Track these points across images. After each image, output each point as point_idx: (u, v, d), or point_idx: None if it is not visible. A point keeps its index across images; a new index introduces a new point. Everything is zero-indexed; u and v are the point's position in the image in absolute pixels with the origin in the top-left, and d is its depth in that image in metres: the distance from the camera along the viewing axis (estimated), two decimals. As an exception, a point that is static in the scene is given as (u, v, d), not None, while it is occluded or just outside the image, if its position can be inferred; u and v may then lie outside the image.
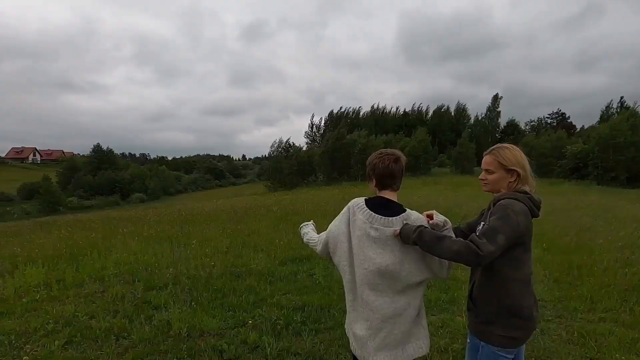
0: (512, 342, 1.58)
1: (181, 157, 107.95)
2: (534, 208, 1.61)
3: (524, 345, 1.73)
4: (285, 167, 44.11)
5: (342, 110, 71.93)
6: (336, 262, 1.83)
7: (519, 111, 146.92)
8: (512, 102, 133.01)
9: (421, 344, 1.73)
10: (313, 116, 70.01)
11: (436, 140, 61.67)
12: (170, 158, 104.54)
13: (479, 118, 67.21)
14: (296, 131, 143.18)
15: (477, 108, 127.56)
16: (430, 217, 1.69)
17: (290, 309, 3.88)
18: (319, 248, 1.92)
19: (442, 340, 3.22)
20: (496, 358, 1.60)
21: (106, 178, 57.13)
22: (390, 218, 1.65)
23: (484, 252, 1.46)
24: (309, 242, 2.04)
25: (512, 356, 1.61)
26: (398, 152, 1.77)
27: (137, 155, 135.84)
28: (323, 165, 44.19)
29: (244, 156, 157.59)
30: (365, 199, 1.76)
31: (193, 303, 4.08)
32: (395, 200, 1.74)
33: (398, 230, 1.61)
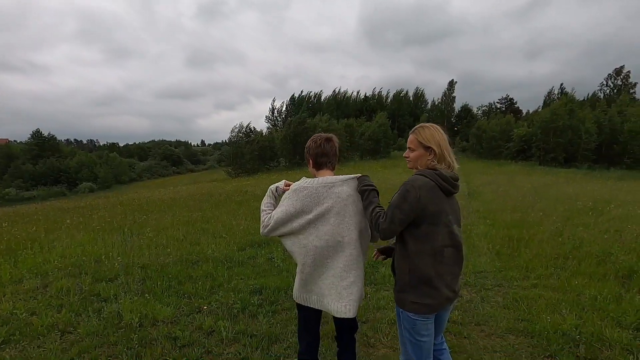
0: (423, 308, 1.68)
1: (134, 143, 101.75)
2: (443, 183, 1.67)
3: (447, 312, 1.88)
4: (246, 153, 43.20)
5: (304, 94, 71.29)
6: (289, 243, 1.95)
7: (474, 97, 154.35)
8: (467, 88, 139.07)
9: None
10: (274, 100, 68.83)
11: (396, 124, 63.23)
12: (122, 144, 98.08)
13: (436, 103, 69.71)
14: (257, 115, 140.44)
15: (434, 93, 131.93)
16: None
17: (247, 293, 3.89)
18: (264, 230, 1.97)
19: (392, 312, 3.39)
20: (413, 323, 1.71)
21: (49, 167, 52.61)
22: (340, 179, 1.88)
23: (381, 228, 1.65)
24: (262, 212, 2.04)
25: (429, 320, 1.72)
26: (331, 135, 1.96)
27: (85, 141, 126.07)
28: (285, 150, 43.78)
29: (202, 142, 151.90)
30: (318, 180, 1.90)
31: (146, 293, 3.95)
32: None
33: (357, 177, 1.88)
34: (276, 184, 2.10)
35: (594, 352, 2.64)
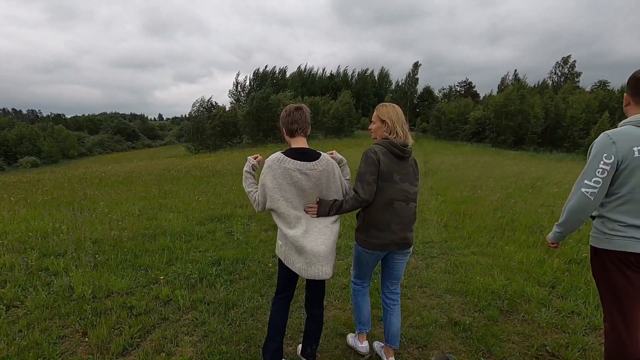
0: (369, 244, 2.11)
1: (83, 115, 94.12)
2: (393, 149, 2.05)
3: (399, 261, 2.22)
4: (207, 128, 41.72)
5: (268, 69, 69.25)
6: (276, 208, 2.01)
7: (437, 78, 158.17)
8: (432, 70, 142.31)
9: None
10: (238, 74, 66.17)
11: (360, 103, 63.67)
12: (69, 116, 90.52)
13: (400, 84, 70.84)
14: (221, 90, 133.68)
15: (399, 74, 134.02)
16: (331, 154, 2.23)
17: (206, 264, 3.94)
18: (259, 208, 2.07)
19: (344, 279, 3.63)
20: (359, 253, 2.21)
21: (-18, 138, 47.66)
22: (314, 162, 2.01)
23: (361, 195, 2.02)
24: (249, 194, 2.13)
25: (370, 256, 2.16)
26: (301, 104, 2.13)
27: (25, 112, 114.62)
28: (248, 126, 42.78)
29: (160, 116, 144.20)
30: (283, 152, 2.01)
31: (99, 266, 3.88)
32: (307, 146, 2.07)
33: (317, 209, 2.04)
34: (249, 165, 2.18)
35: (514, 306, 3.03)
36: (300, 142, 2.07)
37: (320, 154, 2.07)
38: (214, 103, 45.51)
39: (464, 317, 2.88)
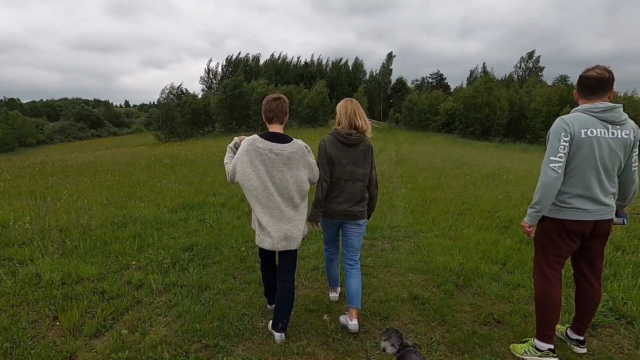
0: (324, 214, 2.59)
1: (42, 100, 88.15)
2: (339, 137, 2.48)
3: (352, 230, 2.61)
4: (177, 116, 40.41)
5: (241, 56, 67.60)
6: (245, 185, 2.27)
7: (410, 70, 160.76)
8: (405, 61, 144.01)
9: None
10: (210, 61, 64.23)
11: (335, 93, 63.71)
12: (25, 101, 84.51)
13: (374, 74, 71.40)
14: (192, 77, 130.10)
15: (374, 64, 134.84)
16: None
17: (178, 250, 3.99)
18: (228, 178, 2.35)
19: (314, 261, 3.80)
20: (323, 221, 2.66)
21: None
22: (285, 144, 2.29)
23: (321, 177, 2.49)
24: (225, 165, 2.42)
25: (327, 222, 2.64)
26: (280, 94, 2.41)
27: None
28: (220, 114, 41.82)
29: (127, 102, 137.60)
30: (259, 135, 2.29)
31: (67, 254, 3.83)
32: (282, 132, 2.36)
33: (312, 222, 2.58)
34: (233, 142, 2.46)
35: (469, 281, 3.32)
36: (275, 128, 2.36)
37: (293, 139, 2.36)
38: (184, 90, 44.03)
39: (423, 292, 3.14)
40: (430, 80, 71.86)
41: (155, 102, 47.83)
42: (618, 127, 2.00)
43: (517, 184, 8.53)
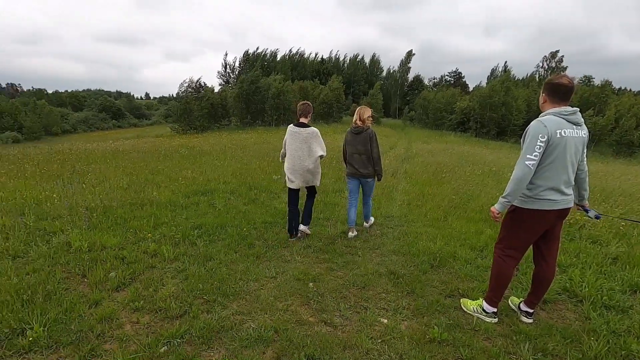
0: (347, 173, 4.54)
1: (66, 90, 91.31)
2: (352, 130, 4.37)
3: (367, 184, 4.50)
4: (195, 109, 41.38)
5: (259, 51, 68.38)
6: (287, 148, 4.25)
7: (430, 67, 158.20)
8: (426, 58, 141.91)
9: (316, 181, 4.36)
10: (227, 55, 65.14)
11: (351, 89, 63.74)
12: (50, 91, 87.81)
13: (391, 71, 71.05)
14: (211, 70, 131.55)
15: (394, 61, 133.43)
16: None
17: (188, 228, 4.48)
18: (281, 152, 4.43)
19: (308, 241, 4.22)
20: (347, 178, 4.60)
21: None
22: (305, 129, 4.15)
23: (342, 151, 4.61)
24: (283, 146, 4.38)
25: (349, 181, 4.55)
26: (306, 101, 4.35)
27: (4, 85, 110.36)
28: (237, 108, 42.60)
29: (147, 94, 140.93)
30: (293, 124, 4.22)
31: (93, 228, 4.37)
32: (307, 122, 4.19)
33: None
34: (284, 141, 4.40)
35: (443, 263, 3.68)
36: (302, 119, 4.19)
37: (310, 126, 4.16)
38: (202, 84, 44.99)
39: (400, 269, 3.52)
40: (448, 78, 71.02)
41: (174, 95, 49.02)
42: (579, 127, 2.35)
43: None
